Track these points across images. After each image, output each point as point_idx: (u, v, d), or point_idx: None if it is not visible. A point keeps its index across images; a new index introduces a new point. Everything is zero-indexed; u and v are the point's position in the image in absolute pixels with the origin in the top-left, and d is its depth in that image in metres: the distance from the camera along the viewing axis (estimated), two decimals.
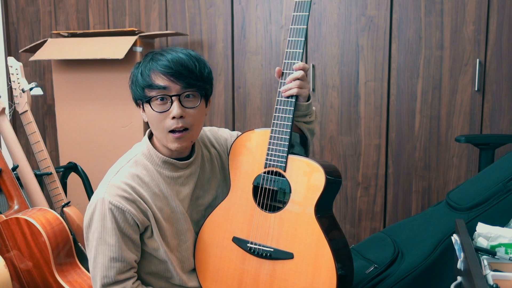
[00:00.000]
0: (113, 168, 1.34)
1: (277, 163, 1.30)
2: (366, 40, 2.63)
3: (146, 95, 1.26)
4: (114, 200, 1.24)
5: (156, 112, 1.26)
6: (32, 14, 3.39)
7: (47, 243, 1.72)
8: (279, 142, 1.30)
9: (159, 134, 1.29)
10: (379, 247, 1.77)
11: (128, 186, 1.27)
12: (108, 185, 1.27)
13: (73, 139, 2.93)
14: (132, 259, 1.29)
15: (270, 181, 1.31)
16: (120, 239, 1.26)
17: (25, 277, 1.77)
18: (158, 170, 1.32)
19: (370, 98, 2.65)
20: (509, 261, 1.22)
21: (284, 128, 1.30)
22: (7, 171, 1.88)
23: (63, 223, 1.82)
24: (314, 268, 1.23)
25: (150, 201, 1.29)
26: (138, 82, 1.27)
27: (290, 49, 1.33)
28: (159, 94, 1.24)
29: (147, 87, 1.25)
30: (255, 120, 2.89)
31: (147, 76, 1.25)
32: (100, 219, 1.26)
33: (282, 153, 1.30)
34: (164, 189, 1.32)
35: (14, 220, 1.75)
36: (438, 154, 2.58)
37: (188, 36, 2.98)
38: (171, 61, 1.23)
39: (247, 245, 1.32)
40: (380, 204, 2.71)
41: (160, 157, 1.32)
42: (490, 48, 2.45)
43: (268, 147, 1.32)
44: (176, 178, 1.35)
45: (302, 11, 1.31)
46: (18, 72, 2.17)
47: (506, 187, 1.61)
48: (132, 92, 1.32)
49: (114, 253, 1.25)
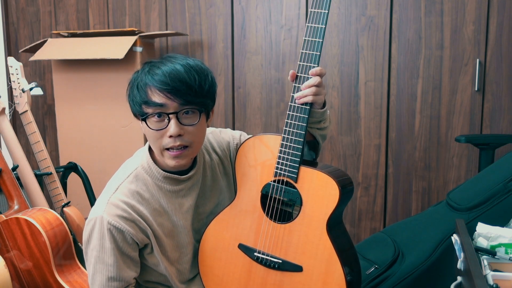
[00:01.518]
0: (112, 183, 1.29)
1: (288, 173, 1.24)
2: (366, 40, 2.63)
3: (143, 111, 1.19)
4: (113, 221, 1.21)
5: (152, 130, 1.19)
6: (32, 14, 3.39)
7: (47, 243, 1.72)
8: (291, 152, 1.24)
9: (156, 151, 1.24)
10: (379, 247, 1.77)
11: (127, 205, 1.23)
12: (107, 203, 1.23)
13: (73, 139, 2.93)
14: (130, 277, 1.27)
15: (280, 191, 1.25)
16: (119, 258, 1.24)
17: (25, 277, 1.77)
18: (159, 185, 1.27)
19: (370, 98, 2.65)
20: (509, 261, 1.22)
21: (297, 137, 1.24)
22: (7, 171, 1.88)
23: (63, 223, 1.82)
24: (324, 283, 1.21)
25: (150, 218, 1.26)
26: (135, 98, 1.20)
27: (306, 50, 1.22)
28: (155, 111, 1.16)
29: (143, 103, 1.18)
30: (255, 120, 2.90)
31: (144, 92, 1.17)
32: (99, 237, 1.23)
33: (294, 163, 1.23)
34: (164, 204, 1.28)
35: (14, 220, 1.75)
36: (438, 154, 2.58)
37: (188, 36, 2.98)
38: (168, 75, 1.14)
39: (254, 254, 1.29)
40: (380, 204, 2.71)
41: (161, 172, 1.27)
42: (490, 48, 2.45)
43: (279, 155, 1.26)
44: (178, 192, 1.30)
45: (321, 8, 1.21)
46: (18, 72, 2.17)
47: (507, 187, 1.61)
48: (130, 105, 1.25)
49: (112, 272, 1.24)
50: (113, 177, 1.31)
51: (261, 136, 1.33)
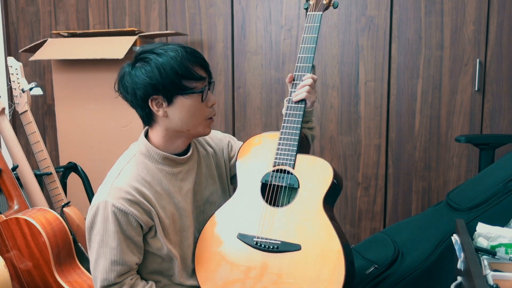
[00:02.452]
0: (113, 170, 1.33)
1: (286, 161, 1.34)
2: (366, 40, 2.63)
3: (186, 86, 1.26)
4: (117, 203, 1.24)
5: (198, 103, 1.28)
6: (32, 14, 3.39)
7: (47, 243, 1.71)
8: (289, 142, 1.35)
9: (196, 123, 1.31)
10: (379, 247, 1.77)
11: (131, 187, 1.26)
12: (110, 188, 1.27)
13: (73, 139, 2.93)
14: (133, 262, 1.29)
15: (279, 178, 1.34)
16: (122, 242, 1.25)
17: (25, 277, 1.77)
18: (158, 167, 1.33)
19: (370, 98, 2.65)
20: (509, 261, 1.22)
21: (294, 130, 1.37)
22: (7, 171, 1.88)
23: (63, 223, 1.82)
24: (322, 258, 1.23)
25: (153, 200, 1.29)
26: (176, 71, 1.24)
27: (300, 63, 1.44)
28: (202, 86, 1.28)
29: (189, 78, 1.26)
30: (255, 120, 2.90)
31: (186, 68, 1.25)
32: (102, 221, 1.25)
33: (291, 152, 1.34)
34: (166, 186, 1.33)
35: (14, 220, 1.74)
36: (438, 154, 2.58)
37: (188, 36, 2.98)
38: (198, 53, 1.29)
39: (253, 240, 1.31)
40: (380, 204, 2.71)
41: (159, 153, 1.33)
42: (490, 48, 2.45)
43: (277, 147, 1.37)
44: (176, 174, 1.35)
45: (313, 22, 1.46)
46: (18, 72, 2.16)
47: (507, 187, 1.61)
48: (157, 86, 1.25)
49: (115, 256, 1.25)
50: (113, 167, 1.35)
51: (261, 134, 1.44)
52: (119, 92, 1.37)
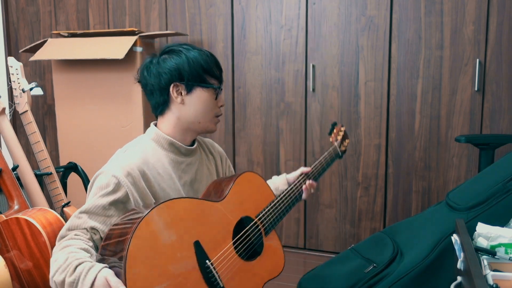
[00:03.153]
0: (120, 151, 1.39)
1: (267, 227, 1.44)
2: (366, 40, 2.63)
3: (207, 79, 1.38)
4: (117, 173, 1.27)
5: (212, 100, 1.39)
6: (32, 14, 3.39)
7: (47, 243, 1.72)
8: (280, 214, 1.49)
9: (206, 116, 1.40)
10: (378, 247, 1.77)
11: (135, 165, 1.30)
12: (114, 164, 1.31)
13: (73, 139, 2.93)
14: (90, 225, 1.25)
15: (253, 233, 1.40)
16: (106, 205, 1.26)
17: (25, 277, 1.77)
18: (164, 153, 1.39)
19: (370, 98, 2.65)
20: (509, 261, 1.22)
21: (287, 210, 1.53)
22: (7, 171, 1.88)
23: (63, 223, 1.82)
24: None
25: (152, 181, 1.32)
26: (202, 65, 1.37)
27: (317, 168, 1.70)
28: (218, 85, 1.41)
29: (210, 73, 1.38)
30: (255, 120, 2.90)
31: (210, 64, 1.39)
32: (99, 185, 1.28)
33: (275, 222, 1.47)
34: (169, 170, 1.37)
35: (14, 220, 1.75)
36: (438, 154, 2.58)
37: (188, 36, 2.98)
38: (216, 58, 1.43)
39: (205, 261, 1.22)
40: (380, 204, 2.71)
41: (166, 138, 1.39)
42: (490, 48, 2.45)
43: (271, 205, 1.47)
44: (179, 163, 1.41)
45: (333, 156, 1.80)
46: (18, 72, 2.17)
47: (506, 187, 1.61)
48: (184, 72, 1.36)
49: (88, 207, 1.26)
50: (121, 149, 1.40)
51: (257, 176, 1.50)
52: (141, 77, 1.42)
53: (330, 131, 1.87)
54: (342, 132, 1.86)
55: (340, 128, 1.88)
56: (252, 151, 2.93)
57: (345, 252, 1.88)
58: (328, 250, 2.84)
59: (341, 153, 1.83)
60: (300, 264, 2.71)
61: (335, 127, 1.87)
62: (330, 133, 1.86)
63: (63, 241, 1.24)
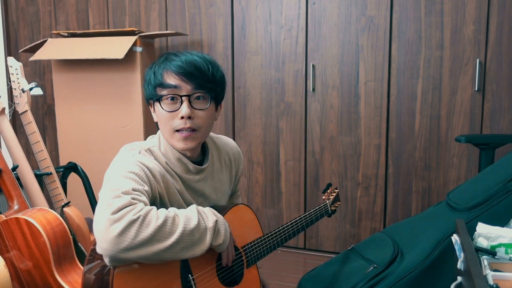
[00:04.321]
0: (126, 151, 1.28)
1: (250, 258, 1.41)
2: (366, 40, 2.63)
3: (158, 93, 1.26)
4: (139, 159, 1.21)
5: (165, 111, 1.25)
6: (32, 14, 3.39)
7: (47, 243, 1.71)
8: (264, 251, 1.46)
9: (166, 134, 1.28)
10: (379, 247, 1.77)
11: (149, 160, 1.24)
12: (133, 154, 1.24)
13: (73, 139, 2.93)
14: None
15: (235, 261, 1.36)
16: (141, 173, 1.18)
17: (25, 277, 1.77)
18: (171, 167, 1.29)
19: (370, 98, 2.65)
20: (509, 261, 1.22)
21: (273, 248, 1.50)
22: (7, 171, 1.88)
23: (63, 223, 1.82)
24: None
25: (160, 180, 1.24)
26: (151, 81, 1.28)
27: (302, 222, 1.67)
28: (170, 93, 1.24)
29: (158, 85, 1.26)
30: (255, 120, 2.90)
31: (160, 75, 1.25)
32: (123, 164, 1.20)
33: (259, 256, 1.44)
34: (178, 181, 1.30)
35: (14, 220, 1.74)
36: (438, 154, 2.58)
37: (188, 36, 2.98)
38: (185, 61, 1.24)
39: (188, 275, 1.22)
40: (380, 204, 2.71)
41: (175, 153, 1.29)
42: (490, 48, 2.45)
43: (258, 240, 1.45)
44: (186, 180, 1.32)
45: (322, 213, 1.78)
46: (18, 72, 2.16)
47: (506, 187, 1.61)
48: (144, 91, 1.32)
49: (134, 172, 1.17)
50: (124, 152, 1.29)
51: (249, 210, 1.47)
52: None
53: (324, 189, 1.90)
54: (334, 193, 1.89)
55: (334, 190, 1.91)
56: (252, 151, 2.93)
57: (345, 252, 1.88)
58: (328, 250, 2.84)
59: (331, 212, 1.84)
60: (300, 264, 2.71)
61: (330, 188, 1.91)
62: (324, 192, 1.89)
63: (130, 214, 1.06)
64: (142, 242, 1.06)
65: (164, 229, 1.09)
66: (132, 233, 1.05)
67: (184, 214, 1.16)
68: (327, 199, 1.85)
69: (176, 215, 1.14)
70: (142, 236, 1.06)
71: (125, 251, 1.05)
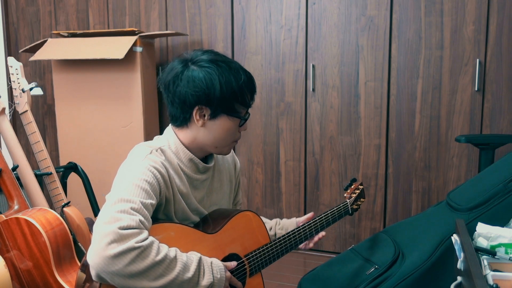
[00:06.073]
0: (140, 149, 1.28)
1: (253, 267, 1.39)
2: (366, 40, 2.63)
3: (237, 109, 1.29)
4: (151, 162, 1.21)
5: (234, 128, 1.31)
6: (32, 14, 3.39)
7: (47, 243, 1.71)
8: (271, 257, 1.44)
9: (224, 143, 1.32)
10: (379, 247, 1.77)
11: (160, 163, 1.24)
12: (145, 156, 1.23)
13: (73, 139, 2.93)
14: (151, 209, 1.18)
15: (238, 271, 1.35)
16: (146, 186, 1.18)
17: (25, 277, 1.77)
18: (181, 167, 1.30)
19: (370, 98, 2.65)
20: (509, 261, 1.22)
21: (278, 256, 1.47)
22: (7, 171, 1.88)
23: (63, 223, 1.82)
24: None
25: (170, 185, 1.25)
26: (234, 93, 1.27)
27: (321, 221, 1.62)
28: (246, 114, 1.32)
29: (243, 105, 1.30)
30: (255, 120, 2.90)
31: (250, 98, 1.33)
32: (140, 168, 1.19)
33: (264, 264, 1.43)
34: (185, 183, 1.30)
35: (14, 220, 1.74)
36: (438, 154, 2.58)
37: (188, 36, 2.98)
38: (254, 80, 1.36)
39: None
40: (380, 204, 2.71)
41: (188, 154, 1.30)
42: (490, 48, 2.45)
43: (263, 248, 1.42)
44: (194, 180, 1.34)
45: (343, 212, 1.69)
46: (18, 72, 2.16)
47: (507, 188, 1.61)
48: (208, 98, 1.25)
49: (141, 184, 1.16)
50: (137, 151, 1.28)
51: (256, 217, 1.45)
52: (166, 89, 1.29)
53: (347, 186, 1.76)
54: (358, 190, 1.77)
55: (358, 186, 1.78)
56: (252, 151, 2.93)
57: (345, 253, 1.87)
58: (328, 250, 2.84)
59: (352, 211, 1.72)
60: (300, 264, 2.71)
61: (354, 183, 1.78)
62: (347, 188, 1.76)
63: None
64: (132, 273, 1.06)
65: (158, 268, 1.08)
66: (127, 260, 1.05)
67: (183, 261, 1.14)
68: (348, 197, 1.72)
69: (175, 259, 1.12)
70: (135, 267, 1.05)
71: (112, 274, 1.05)
